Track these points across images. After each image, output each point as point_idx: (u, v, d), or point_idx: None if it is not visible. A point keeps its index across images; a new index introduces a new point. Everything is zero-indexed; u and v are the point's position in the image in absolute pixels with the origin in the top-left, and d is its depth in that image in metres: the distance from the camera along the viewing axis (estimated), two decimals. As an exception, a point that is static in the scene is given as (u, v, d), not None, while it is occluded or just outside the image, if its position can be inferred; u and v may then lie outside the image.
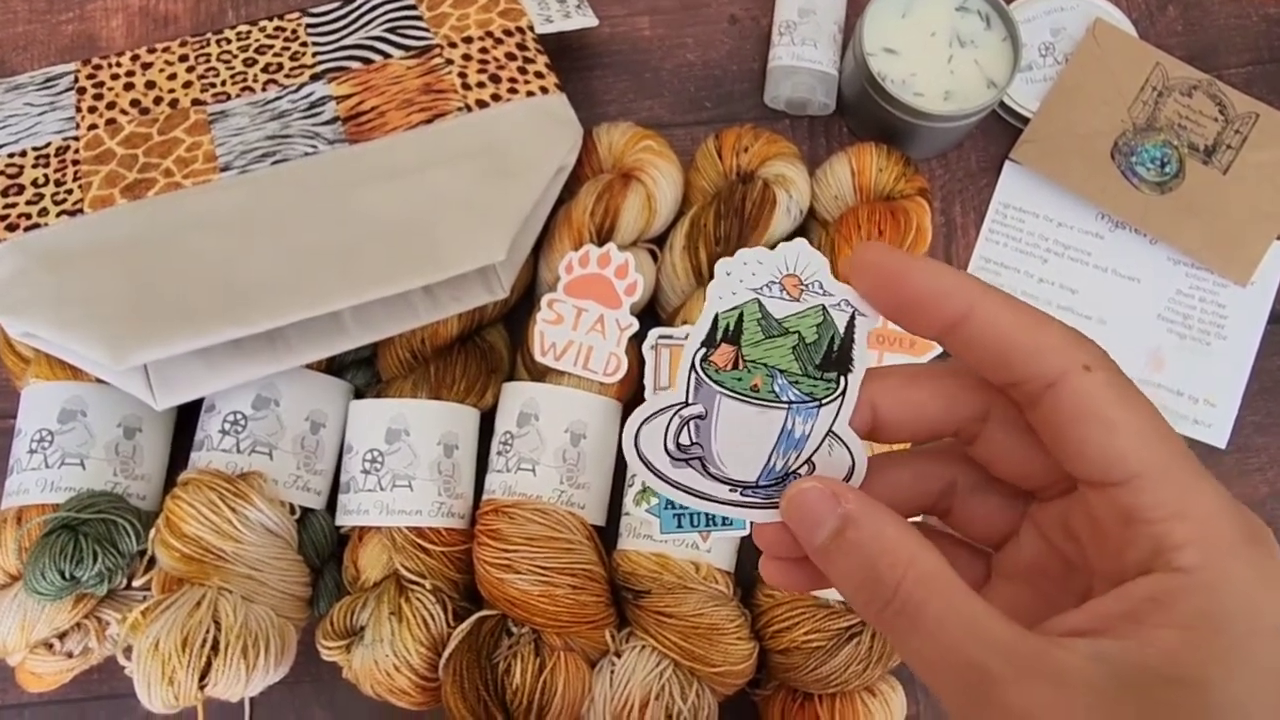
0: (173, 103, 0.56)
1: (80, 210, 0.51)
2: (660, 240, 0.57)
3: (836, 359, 0.22)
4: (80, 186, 0.52)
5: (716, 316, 0.22)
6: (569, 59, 0.63)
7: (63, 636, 0.51)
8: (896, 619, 0.20)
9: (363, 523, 0.52)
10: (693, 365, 0.22)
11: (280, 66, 0.57)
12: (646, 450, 0.24)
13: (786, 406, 0.22)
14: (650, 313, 0.57)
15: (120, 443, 0.52)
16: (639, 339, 0.53)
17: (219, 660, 0.46)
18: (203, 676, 0.46)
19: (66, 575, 0.48)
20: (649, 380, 0.52)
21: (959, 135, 0.61)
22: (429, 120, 0.54)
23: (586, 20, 0.59)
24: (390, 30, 0.58)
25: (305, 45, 0.58)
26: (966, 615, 0.19)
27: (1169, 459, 0.19)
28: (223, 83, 0.56)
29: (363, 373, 0.56)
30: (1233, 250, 0.60)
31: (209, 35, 0.58)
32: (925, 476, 0.24)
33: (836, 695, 0.49)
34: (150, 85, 0.56)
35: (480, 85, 0.55)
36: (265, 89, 0.56)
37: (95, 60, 0.57)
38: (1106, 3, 0.64)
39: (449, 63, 0.56)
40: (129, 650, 0.48)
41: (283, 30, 0.58)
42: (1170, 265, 0.61)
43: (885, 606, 0.20)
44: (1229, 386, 0.60)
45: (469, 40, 0.57)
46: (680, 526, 0.50)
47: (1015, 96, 0.62)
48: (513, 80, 0.56)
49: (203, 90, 0.56)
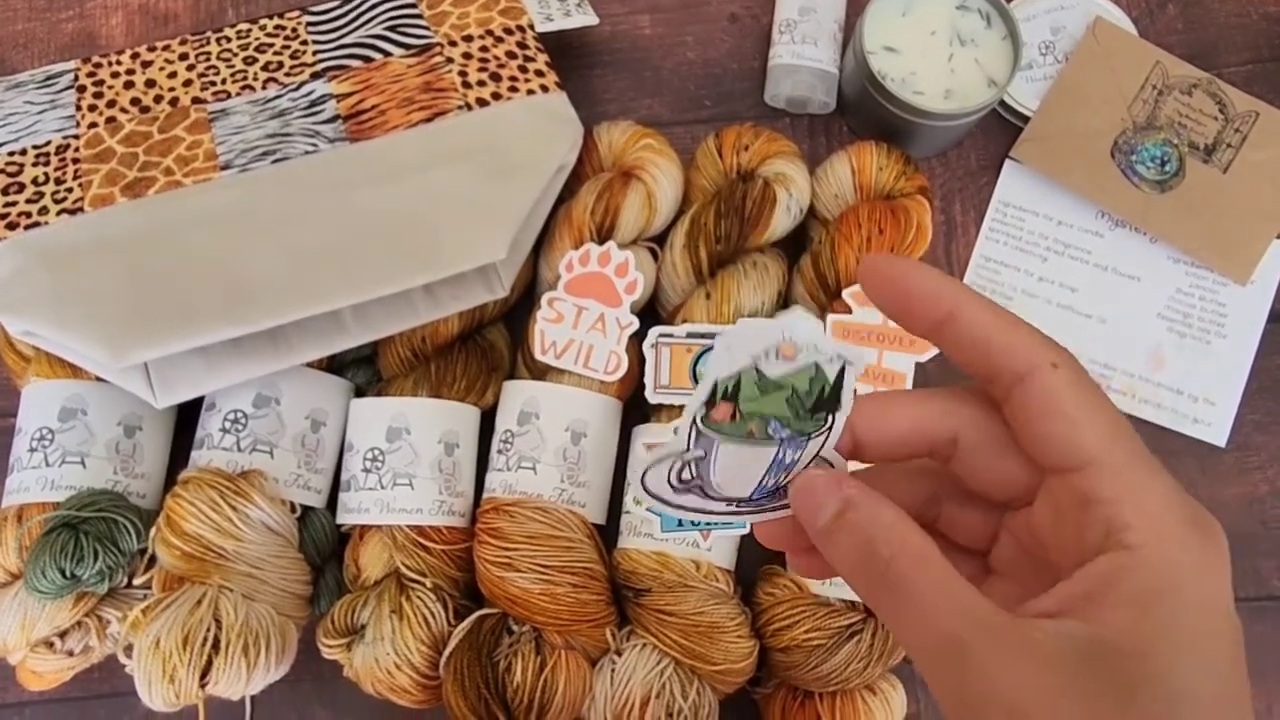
0: (173, 101, 0.55)
1: (80, 209, 0.51)
2: (660, 239, 0.57)
3: (826, 401, 0.23)
4: (80, 185, 0.52)
5: (716, 385, 0.23)
6: (569, 57, 0.63)
7: (63, 635, 0.51)
8: (887, 593, 0.22)
9: (363, 521, 0.52)
10: (693, 420, 0.23)
11: (280, 65, 0.57)
12: (652, 486, 0.25)
13: (779, 442, 0.24)
14: (650, 311, 0.57)
15: (121, 441, 0.52)
16: (639, 337, 0.53)
17: (220, 659, 0.46)
18: (204, 675, 0.46)
19: (67, 574, 0.48)
20: (649, 379, 0.52)
21: (959, 134, 0.61)
22: (429, 119, 0.54)
23: (587, 19, 0.59)
24: (390, 28, 0.58)
25: (305, 43, 0.58)
26: (949, 591, 0.21)
27: (1123, 450, 0.22)
28: (223, 81, 0.56)
29: (363, 371, 0.56)
30: (1233, 249, 0.60)
31: (209, 33, 0.58)
32: (909, 488, 0.27)
33: (837, 693, 0.49)
34: (150, 83, 0.56)
35: (480, 84, 0.55)
36: (265, 87, 0.56)
37: (95, 58, 0.57)
38: (1107, 1, 0.64)
39: (449, 61, 0.56)
40: (130, 649, 0.48)
41: (283, 28, 0.58)
42: (1170, 264, 0.61)
43: (878, 581, 0.22)
44: (1229, 385, 0.60)
45: (469, 39, 0.57)
46: (681, 525, 0.50)
47: (1015, 95, 0.62)
48: (513, 79, 0.56)
49: (203, 88, 0.56)
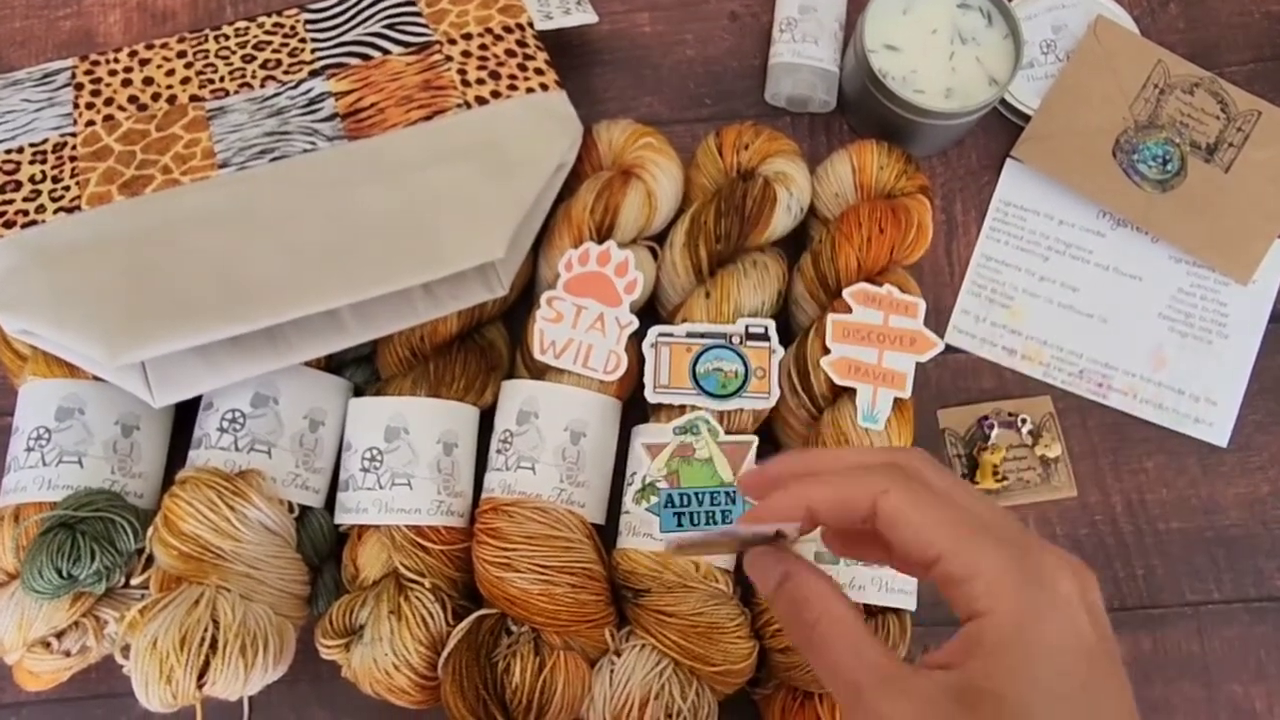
0: (171, 99, 0.55)
1: (78, 207, 0.51)
2: (660, 238, 0.57)
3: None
4: (78, 183, 0.52)
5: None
6: (569, 56, 0.63)
7: (60, 635, 0.50)
8: (811, 647, 0.29)
9: (362, 521, 0.51)
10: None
11: (279, 63, 0.57)
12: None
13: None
14: (650, 311, 0.57)
15: (118, 440, 0.52)
16: (639, 337, 0.53)
17: (217, 659, 0.46)
18: (201, 675, 0.46)
19: (64, 573, 0.48)
20: (649, 378, 0.52)
21: (960, 133, 0.61)
22: (428, 117, 0.54)
23: (586, 17, 0.59)
24: (389, 26, 0.57)
25: (304, 41, 0.57)
26: (857, 649, 0.28)
27: (964, 536, 0.27)
28: (221, 79, 0.56)
29: (362, 370, 0.56)
30: (1234, 249, 0.60)
31: (207, 31, 0.58)
32: (868, 539, 0.32)
33: (837, 694, 0.49)
34: (148, 81, 0.56)
35: (480, 82, 0.55)
36: (264, 85, 0.56)
37: (93, 56, 0.57)
38: (1108, 0, 0.63)
39: (448, 59, 0.56)
40: (127, 649, 0.48)
41: (281, 26, 0.58)
42: (1172, 263, 0.61)
43: (805, 637, 0.29)
44: (1230, 385, 0.59)
45: (468, 37, 0.57)
46: (680, 525, 0.50)
47: (1016, 94, 0.62)
48: (512, 77, 0.55)
49: (201, 86, 0.56)
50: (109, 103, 0.55)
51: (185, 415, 0.54)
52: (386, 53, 0.56)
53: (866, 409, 0.51)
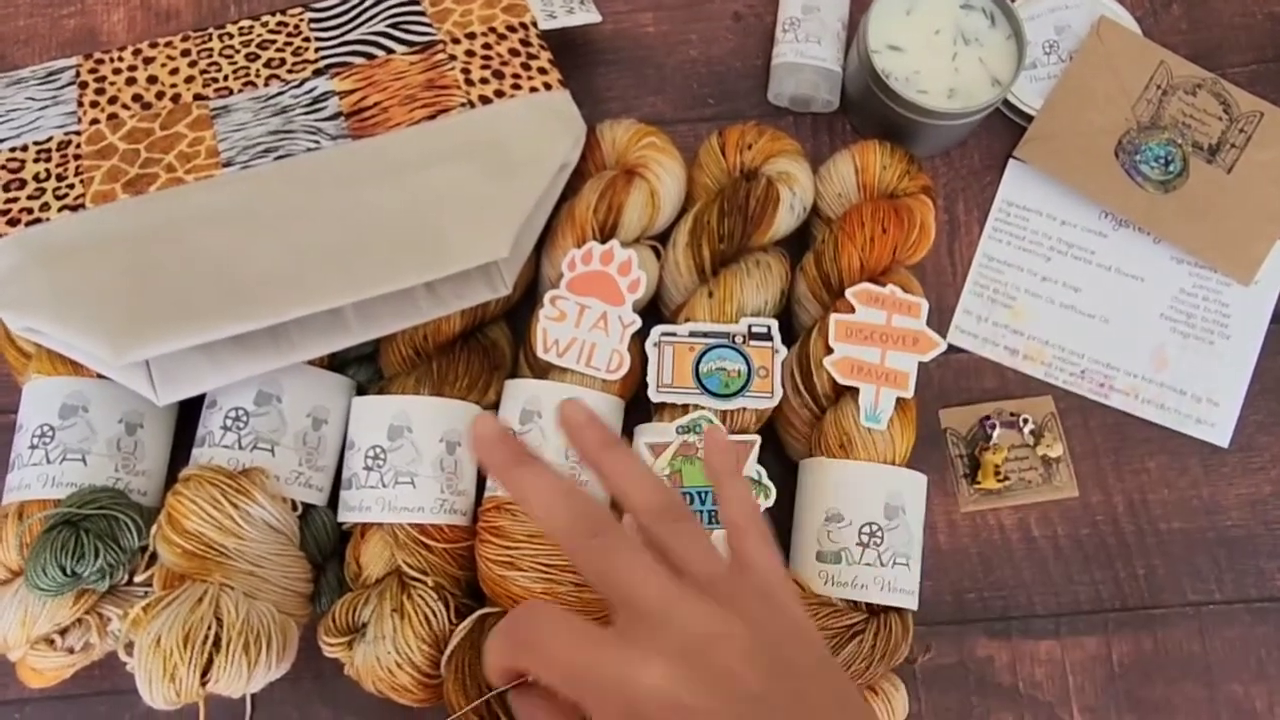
0: (175, 98, 0.55)
1: (82, 205, 0.51)
2: (663, 237, 0.57)
3: None
4: (82, 181, 0.52)
5: None
6: (572, 55, 0.63)
7: (64, 632, 0.50)
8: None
9: (365, 519, 0.51)
10: None
11: (283, 62, 0.57)
12: None
13: None
14: (653, 310, 0.57)
15: (122, 438, 0.52)
16: (642, 336, 0.53)
17: (221, 657, 0.46)
18: (204, 673, 0.46)
19: (68, 571, 0.48)
20: (652, 377, 0.52)
21: (963, 133, 0.61)
22: (432, 116, 0.54)
23: (590, 16, 0.59)
24: (393, 26, 0.57)
25: (308, 40, 0.57)
26: None
27: (574, 685, 0.30)
28: (225, 78, 0.56)
29: (365, 369, 0.56)
30: (1236, 250, 0.60)
31: (211, 30, 0.58)
32: None
33: (839, 693, 0.49)
34: (152, 80, 0.56)
35: (483, 81, 0.55)
36: (268, 84, 0.56)
37: (97, 54, 0.57)
38: (1111, 1, 0.63)
39: (452, 59, 0.56)
40: (130, 646, 0.48)
41: (285, 25, 0.58)
42: (1174, 264, 0.61)
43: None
44: (1232, 386, 0.59)
45: (472, 36, 0.57)
46: (683, 524, 0.50)
47: (1019, 94, 0.62)
48: (516, 76, 0.55)
49: (205, 85, 0.56)
50: (113, 101, 0.55)
51: (189, 413, 0.54)
52: (390, 52, 0.57)
53: (869, 408, 0.51)
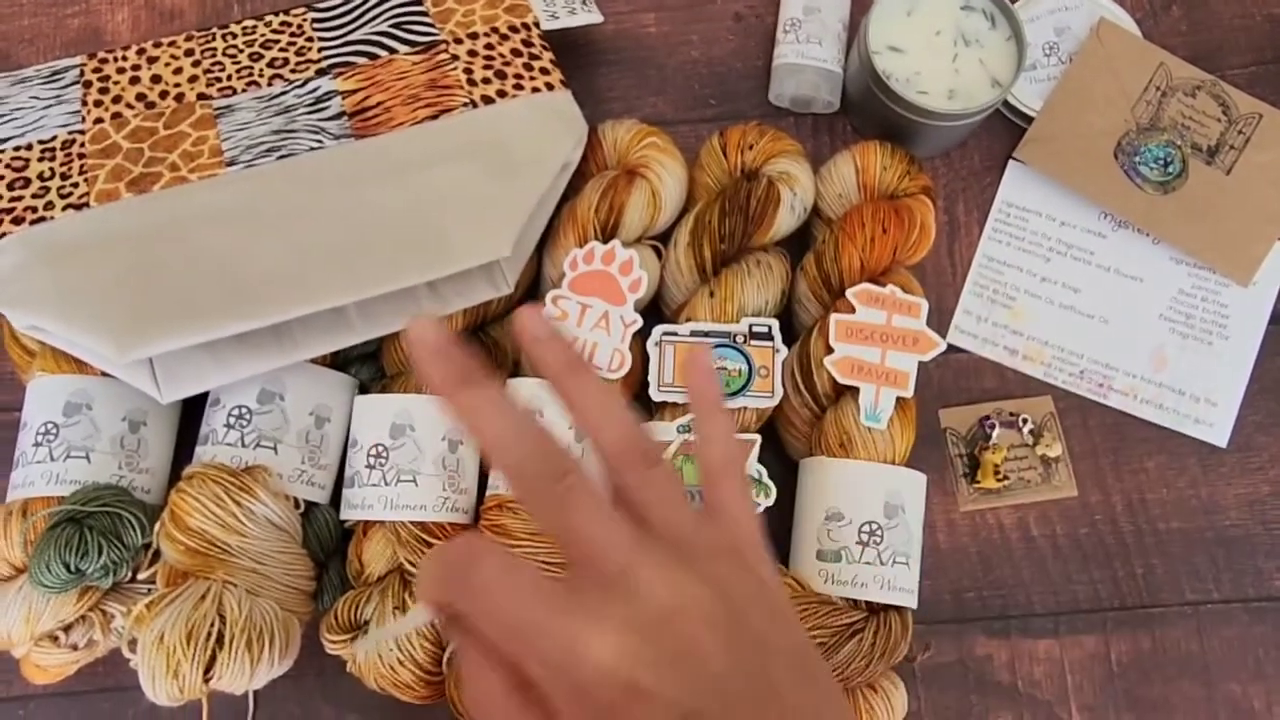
0: (178, 97, 0.56)
1: (86, 204, 0.51)
2: (664, 237, 0.57)
3: None
4: (86, 180, 0.52)
5: None
6: (574, 55, 0.63)
7: (67, 629, 0.51)
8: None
9: (367, 517, 0.52)
10: None
11: (286, 61, 0.57)
12: None
13: None
14: (654, 310, 0.57)
15: (125, 436, 0.52)
16: (643, 335, 0.53)
17: (224, 654, 0.46)
18: (207, 670, 0.46)
19: (71, 568, 0.48)
20: (653, 377, 0.53)
21: (963, 134, 0.61)
22: (434, 116, 0.54)
23: (591, 17, 0.59)
24: (396, 26, 0.58)
25: (311, 40, 0.58)
26: None
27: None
28: (228, 77, 0.56)
29: (367, 367, 0.56)
30: (1235, 251, 0.60)
31: (215, 29, 0.58)
32: None
33: (838, 691, 0.50)
34: (156, 79, 0.56)
35: (486, 81, 0.55)
36: (271, 84, 0.56)
37: (101, 54, 0.57)
38: (1111, 2, 0.64)
39: (454, 59, 0.56)
40: (134, 643, 0.48)
41: (288, 25, 0.58)
42: (1173, 265, 0.61)
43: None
44: (1230, 386, 0.60)
45: (474, 36, 0.57)
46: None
47: (1019, 95, 0.62)
48: (518, 76, 0.56)
49: (208, 85, 0.56)
50: (117, 100, 0.55)
51: (192, 411, 0.55)
52: (393, 52, 0.57)
53: (869, 408, 0.51)
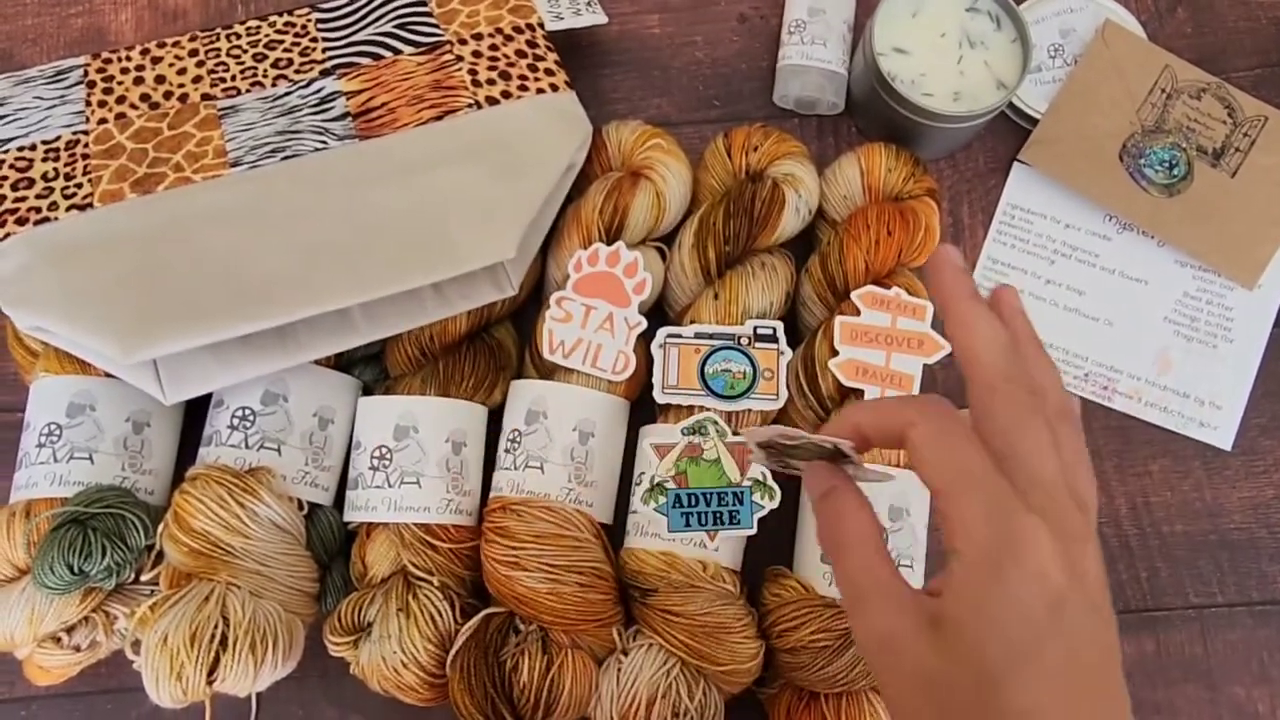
0: (182, 97, 0.56)
1: (90, 205, 0.51)
2: (669, 239, 0.57)
3: (837, 452, 0.35)
4: (90, 181, 0.52)
5: (758, 444, 0.37)
6: (578, 56, 0.63)
7: (70, 630, 0.51)
8: (836, 552, 0.34)
9: (371, 519, 0.52)
10: (759, 446, 0.37)
11: (290, 62, 0.57)
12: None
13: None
14: (658, 311, 0.57)
15: (129, 437, 0.52)
16: (647, 337, 0.53)
17: (227, 656, 0.46)
18: (211, 672, 0.46)
19: (75, 569, 0.48)
20: (657, 379, 0.52)
21: (968, 136, 0.61)
22: (439, 117, 0.54)
23: (596, 18, 0.59)
24: (400, 26, 0.58)
25: (315, 41, 0.58)
26: (870, 561, 0.33)
27: (956, 481, 0.31)
28: (233, 78, 0.56)
29: (371, 369, 0.56)
30: (1240, 253, 0.60)
31: (219, 30, 0.58)
32: None
33: (843, 694, 0.49)
34: (160, 80, 0.56)
35: (490, 82, 0.55)
36: (275, 84, 0.56)
37: (105, 54, 0.57)
38: (1116, 4, 0.64)
39: (459, 59, 0.56)
40: (137, 644, 0.48)
41: (292, 25, 0.58)
42: (1177, 268, 0.61)
43: (834, 542, 0.34)
44: (1235, 389, 0.60)
45: (479, 37, 0.57)
46: (688, 525, 0.50)
47: (1024, 97, 0.62)
48: (523, 77, 0.56)
49: (213, 85, 0.56)
50: (121, 101, 0.55)
51: (195, 412, 0.55)
52: (397, 52, 0.57)
53: (874, 411, 0.51)
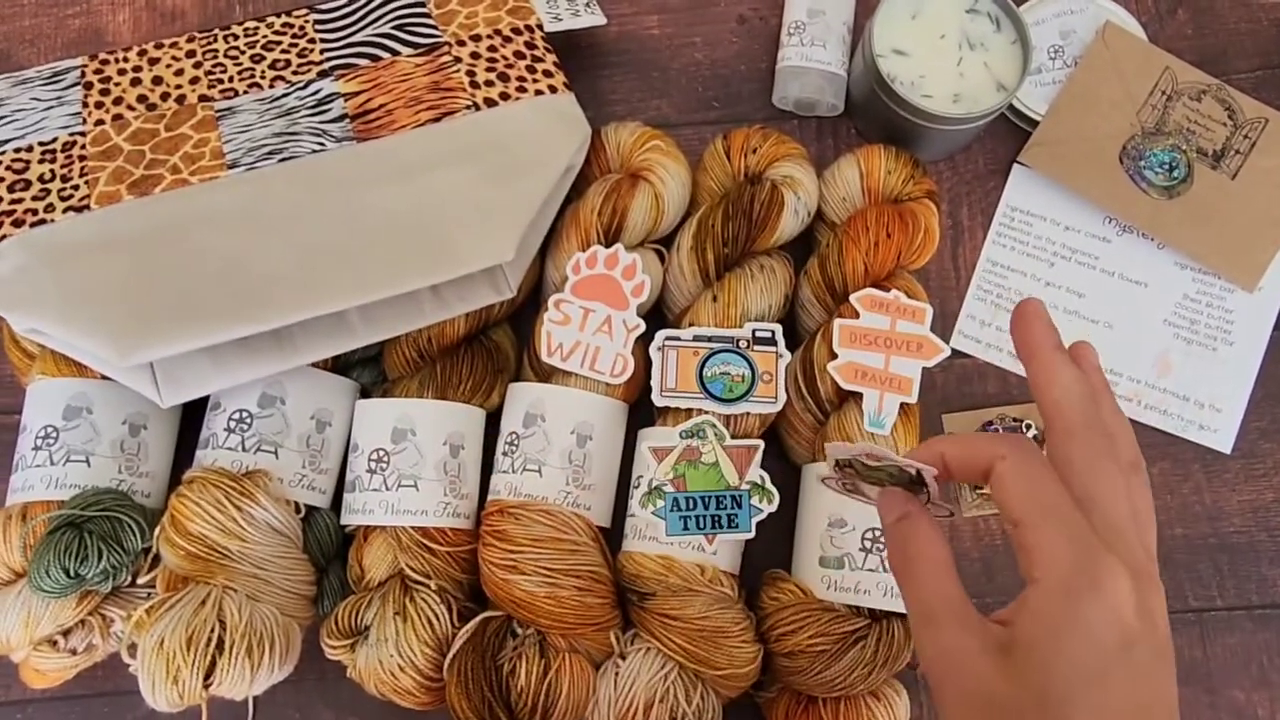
0: (180, 99, 0.55)
1: (87, 206, 0.51)
2: (667, 241, 0.57)
3: (918, 480, 0.36)
4: (87, 182, 0.52)
5: (837, 461, 0.39)
6: (577, 58, 0.63)
7: (67, 633, 0.50)
8: (908, 575, 0.35)
9: (368, 522, 0.52)
10: (834, 468, 0.39)
11: (288, 63, 0.57)
12: (829, 485, 0.41)
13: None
14: (657, 314, 0.57)
15: (125, 440, 0.52)
16: (646, 340, 0.53)
17: (224, 659, 0.46)
18: (207, 675, 0.46)
19: (71, 573, 0.48)
20: (656, 381, 0.52)
21: (967, 138, 0.61)
22: (437, 119, 0.54)
23: (595, 19, 0.59)
24: (398, 27, 0.57)
25: (313, 42, 0.57)
26: (943, 584, 0.34)
27: (1041, 514, 0.32)
28: (230, 79, 0.56)
29: (369, 371, 0.56)
30: (1240, 256, 0.60)
31: (217, 31, 0.58)
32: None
33: (841, 699, 0.49)
34: (157, 81, 0.56)
35: (489, 84, 0.55)
36: (273, 85, 0.56)
37: (102, 55, 0.57)
38: (1116, 6, 0.63)
39: (457, 61, 0.56)
40: (133, 648, 0.48)
41: (290, 26, 0.58)
42: (1178, 270, 0.61)
43: (906, 565, 0.35)
44: (1235, 392, 0.59)
45: (477, 38, 0.57)
46: (686, 529, 0.50)
47: (1024, 99, 0.62)
48: (521, 79, 0.55)
49: (210, 86, 0.56)
50: (118, 102, 0.55)
51: (192, 415, 0.55)
52: (395, 54, 0.56)
53: (873, 414, 0.51)
